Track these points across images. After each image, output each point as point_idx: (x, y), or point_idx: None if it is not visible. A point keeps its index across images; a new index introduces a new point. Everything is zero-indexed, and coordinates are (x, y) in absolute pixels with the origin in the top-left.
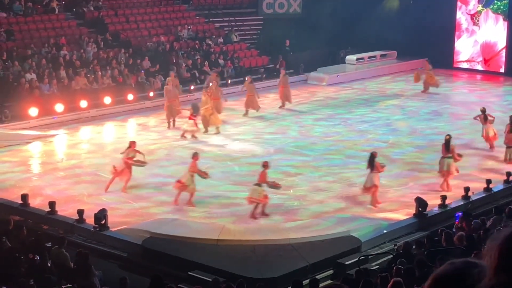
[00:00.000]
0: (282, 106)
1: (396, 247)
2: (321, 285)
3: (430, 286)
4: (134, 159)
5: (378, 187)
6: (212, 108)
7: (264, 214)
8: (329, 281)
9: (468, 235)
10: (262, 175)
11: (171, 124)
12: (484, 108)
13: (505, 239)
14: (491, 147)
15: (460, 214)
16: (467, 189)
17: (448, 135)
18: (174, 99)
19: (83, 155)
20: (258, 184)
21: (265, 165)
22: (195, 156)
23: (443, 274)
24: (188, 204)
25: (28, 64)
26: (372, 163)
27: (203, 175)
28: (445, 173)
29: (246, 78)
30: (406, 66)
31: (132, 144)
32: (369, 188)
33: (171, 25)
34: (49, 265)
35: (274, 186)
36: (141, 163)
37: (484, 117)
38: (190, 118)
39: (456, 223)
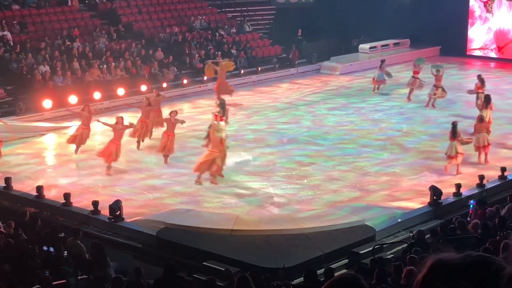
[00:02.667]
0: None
1: (412, 235)
2: (335, 274)
3: (428, 271)
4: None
5: (464, 154)
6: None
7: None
8: (344, 270)
9: (483, 223)
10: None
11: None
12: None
13: (429, 269)
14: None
15: (474, 202)
16: (481, 177)
17: (455, 121)
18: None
19: (97, 147)
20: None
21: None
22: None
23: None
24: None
25: (42, 56)
26: (455, 131)
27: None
28: (452, 157)
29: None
30: (419, 55)
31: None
32: (453, 156)
33: (183, 15)
34: (65, 256)
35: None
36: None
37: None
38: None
39: (471, 211)
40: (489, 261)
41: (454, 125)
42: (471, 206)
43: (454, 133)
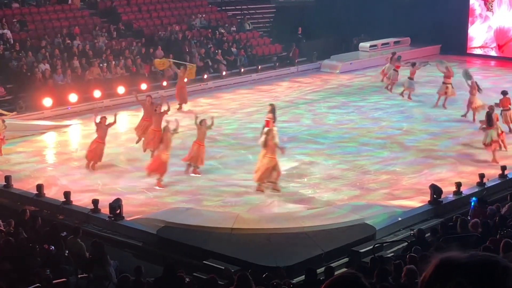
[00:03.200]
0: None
1: (413, 233)
2: (336, 273)
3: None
4: None
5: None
6: None
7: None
8: (344, 269)
9: (483, 222)
10: None
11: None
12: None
13: (434, 268)
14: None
15: (475, 199)
16: (482, 176)
17: (491, 106)
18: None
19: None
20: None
21: None
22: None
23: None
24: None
25: (42, 54)
26: (490, 118)
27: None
28: (487, 144)
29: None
30: (419, 53)
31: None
32: (489, 144)
33: (183, 14)
34: (66, 255)
35: None
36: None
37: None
38: None
39: (472, 209)
40: (496, 261)
41: (489, 113)
42: (472, 204)
43: (489, 121)
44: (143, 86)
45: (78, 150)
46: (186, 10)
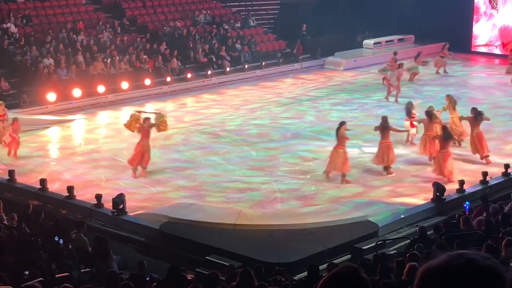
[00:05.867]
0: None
1: (417, 230)
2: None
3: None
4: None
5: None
6: None
7: None
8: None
9: (486, 220)
10: None
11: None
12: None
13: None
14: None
15: (469, 203)
16: (485, 174)
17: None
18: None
19: (101, 140)
20: None
21: None
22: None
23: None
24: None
25: (46, 49)
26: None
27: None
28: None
29: None
30: (424, 51)
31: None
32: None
33: (188, 9)
34: (69, 248)
35: None
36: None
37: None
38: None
39: (467, 213)
40: (495, 269)
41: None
42: (466, 208)
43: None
44: (147, 82)
45: (82, 145)
46: (191, 6)
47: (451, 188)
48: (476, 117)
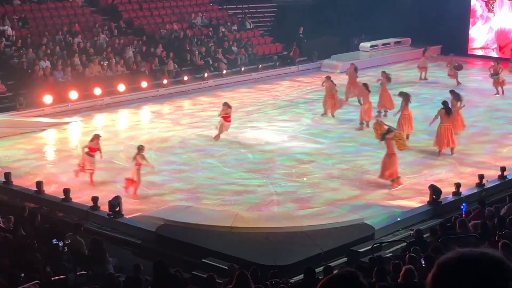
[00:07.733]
0: None
1: (412, 233)
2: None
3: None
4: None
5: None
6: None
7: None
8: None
9: (482, 223)
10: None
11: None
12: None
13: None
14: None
15: (465, 205)
16: (481, 177)
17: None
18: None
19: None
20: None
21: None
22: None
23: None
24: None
25: (42, 51)
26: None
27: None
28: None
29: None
30: (420, 53)
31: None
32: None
33: (184, 12)
34: (64, 250)
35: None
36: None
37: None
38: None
39: (463, 215)
40: (505, 260)
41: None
42: (463, 209)
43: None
44: (144, 84)
45: (78, 147)
46: (187, 8)
47: (447, 191)
48: (448, 111)
